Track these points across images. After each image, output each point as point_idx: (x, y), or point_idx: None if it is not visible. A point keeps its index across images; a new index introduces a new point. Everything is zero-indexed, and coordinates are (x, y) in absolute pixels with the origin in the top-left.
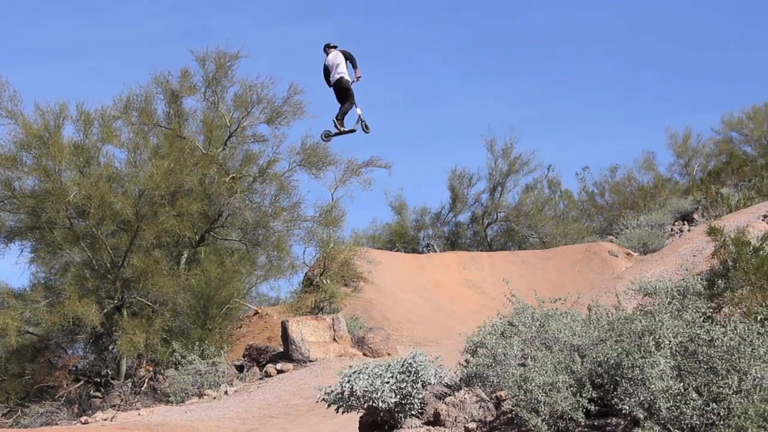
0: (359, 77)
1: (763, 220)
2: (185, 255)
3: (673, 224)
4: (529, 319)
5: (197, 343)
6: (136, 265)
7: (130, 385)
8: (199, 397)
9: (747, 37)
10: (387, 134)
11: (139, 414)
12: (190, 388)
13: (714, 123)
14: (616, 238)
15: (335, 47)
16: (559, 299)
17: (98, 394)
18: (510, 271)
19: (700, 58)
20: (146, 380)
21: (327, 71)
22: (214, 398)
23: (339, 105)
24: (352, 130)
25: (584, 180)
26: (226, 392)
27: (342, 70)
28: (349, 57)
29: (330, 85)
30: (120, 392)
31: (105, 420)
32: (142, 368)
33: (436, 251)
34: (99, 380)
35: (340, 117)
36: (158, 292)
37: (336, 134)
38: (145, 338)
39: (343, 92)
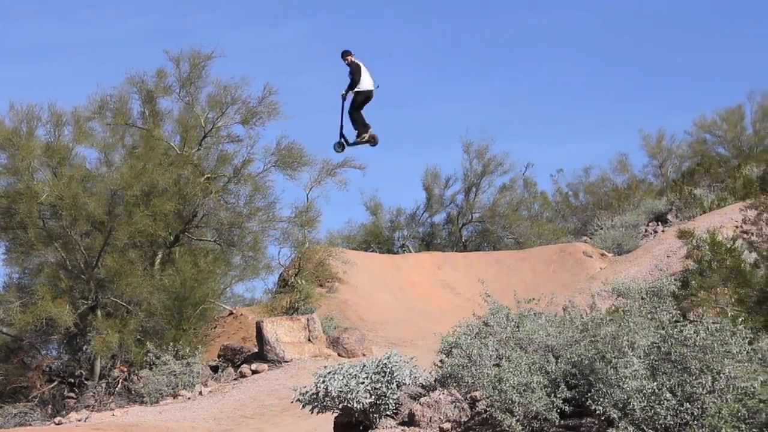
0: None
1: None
2: (160, 255)
3: (647, 225)
4: (504, 320)
5: (172, 344)
6: (110, 265)
7: (104, 385)
8: (174, 398)
9: (720, 38)
10: None
11: (113, 414)
12: (164, 389)
13: (687, 124)
14: (591, 238)
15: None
16: (534, 299)
17: (72, 394)
18: (485, 271)
19: (673, 60)
20: (120, 381)
21: (357, 77)
22: (189, 399)
23: (349, 112)
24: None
25: (558, 182)
26: (200, 393)
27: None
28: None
29: (351, 93)
30: (94, 393)
31: (79, 420)
32: (117, 369)
33: (411, 252)
34: (73, 381)
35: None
36: (132, 292)
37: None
38: (118, 338)
39: (363, 105)
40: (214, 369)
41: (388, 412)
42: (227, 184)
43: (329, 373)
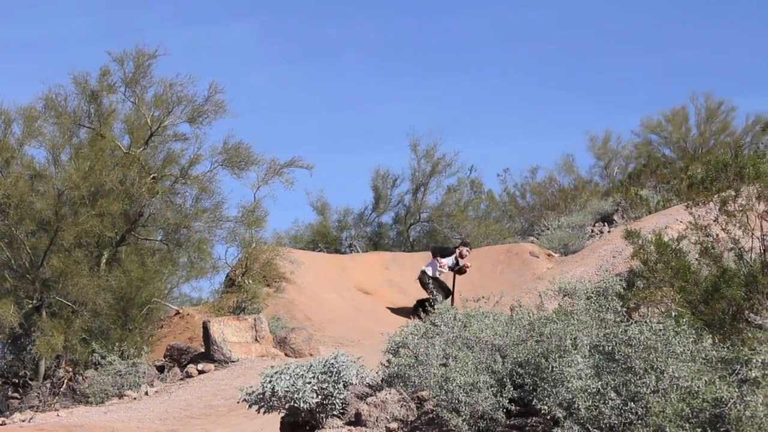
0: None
1: (680, 222)
2: (106, 255)
3: (594, 225)
4: (451, 320)
5: (117, 344)
6: (55, 265)
7: (48, 385)
8: (119, 398)
9: (665, 39)
10: (309, 135)
11: (58, 415)
12: (109, 389)
13: (633, 125)
14: (537, 239)
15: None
16: (483, 297)
17: (16, 395)
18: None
19: (619, 60)
20: (65, 381)
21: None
22: (135, 399)
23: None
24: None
25: (505, 181)
26: (146, 393)
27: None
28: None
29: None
30: (38, 393)
31: (23, 421)
32: (61, 369)
33: (358, 252)
34: (17, 381)
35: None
36: (78, 292)
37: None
38: (63, 339)
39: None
40: (160, 369)
41: (334, 412)
42: (174, 183)
43: (276, 373)
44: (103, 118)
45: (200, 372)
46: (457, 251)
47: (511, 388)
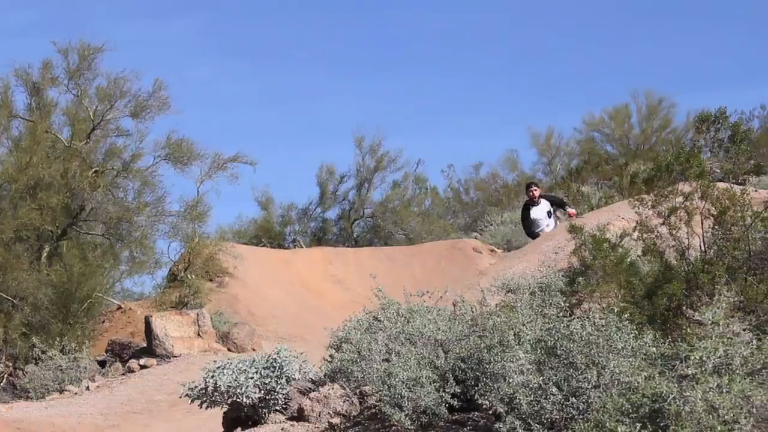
0: (573, 214)
1: (622, 219)
2: (47, 249)
3: None
4: (394, 315)
5: (58, 339)
6: None
7: None
8: (60, 393)
9: (606, 36)
10: (254, 130)
11: None
12: (50, 384)
13: (576, 122)
14: (481, 234)
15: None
16: (426, 293)
17: None
18: (375, 267)
19: (561, 57)
20: (5, 376)
21: (531, 223)
22: (76, 394)
23: None
24: None
25: (449, 177)
26: (87, 388)
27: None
28: (556, 202)
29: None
30: None
31: None
32: (1, 363)
33: (302, 247)
34: None
35: None
36: (18, 287)
37: None
38: (2, 333)
39: None
40: (102, 364)
41: (277, 407)
42: (116, 177)
43: (218, 368)
44: (44, 110)
45: (142, 367)
46: (530, 195)
47: (454, 383)
